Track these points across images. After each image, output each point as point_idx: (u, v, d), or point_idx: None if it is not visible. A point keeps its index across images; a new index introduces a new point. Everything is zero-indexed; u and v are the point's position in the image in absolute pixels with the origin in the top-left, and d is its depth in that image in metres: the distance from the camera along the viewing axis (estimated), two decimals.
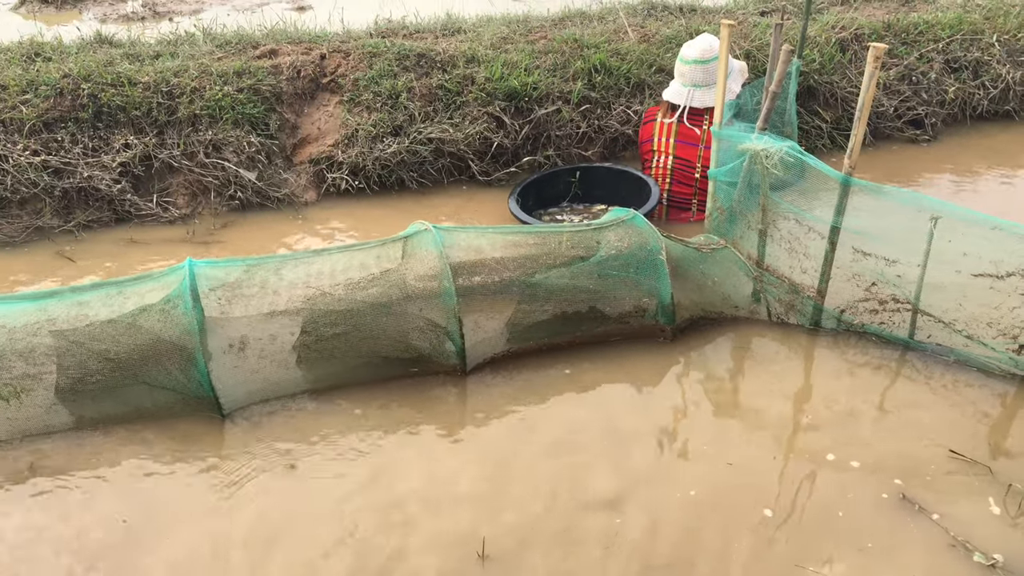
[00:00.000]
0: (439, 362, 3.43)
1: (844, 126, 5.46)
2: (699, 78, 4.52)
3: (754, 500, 2.87)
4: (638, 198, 4.55)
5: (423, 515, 2.83)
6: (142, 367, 3.12)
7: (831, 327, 3.68)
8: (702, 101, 4.53)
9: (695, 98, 4.55)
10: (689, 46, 4.60)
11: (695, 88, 4.55)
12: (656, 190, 4.53)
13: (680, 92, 4.60)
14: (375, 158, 4.93)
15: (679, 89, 4.62)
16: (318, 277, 3.35)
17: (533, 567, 2.64)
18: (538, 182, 4.83)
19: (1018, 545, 2.67)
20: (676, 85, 4.64)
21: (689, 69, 4.54)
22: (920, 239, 3.28)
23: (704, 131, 4.55)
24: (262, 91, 5.02)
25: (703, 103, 4.53)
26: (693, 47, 4.56)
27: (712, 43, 4.51)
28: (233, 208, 4.80)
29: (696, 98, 4.55)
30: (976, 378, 3.38)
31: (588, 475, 2.98)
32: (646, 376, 3.48)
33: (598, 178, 4.88)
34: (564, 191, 4.88)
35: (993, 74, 5.76)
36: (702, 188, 4.58)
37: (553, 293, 3.48)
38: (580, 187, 4.86)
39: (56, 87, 4.76)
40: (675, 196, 4.69)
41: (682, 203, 4.71)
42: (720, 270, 3.84)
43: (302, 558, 2.68)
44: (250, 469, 3.03)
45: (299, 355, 3.30)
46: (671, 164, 4.66)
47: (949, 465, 2.99)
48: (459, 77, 5.18)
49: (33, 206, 4.57)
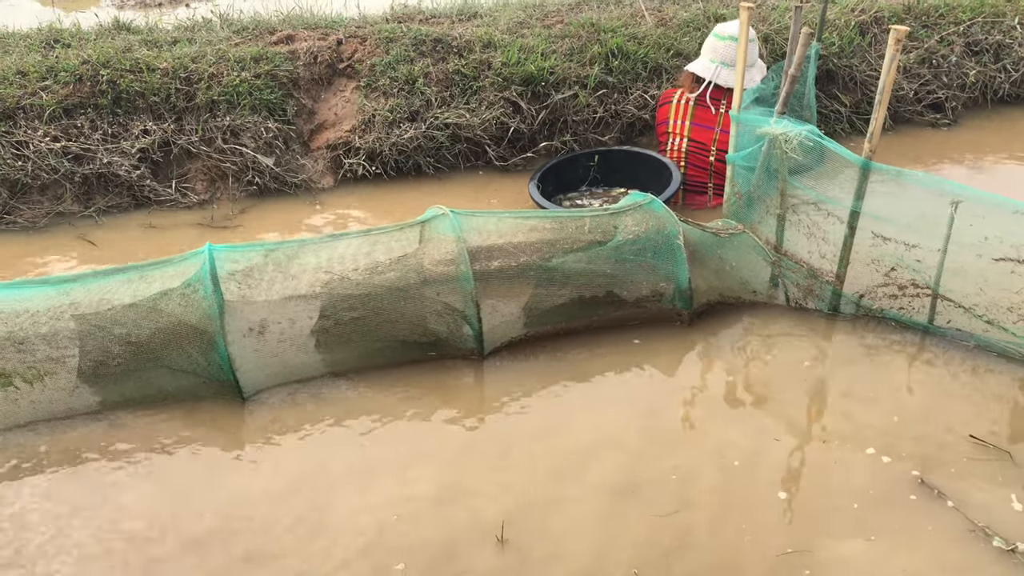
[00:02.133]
0: (457, 346, 3.45)
1: (863, 110, 5.42)
2: (731, 56, 4.49)
3: (769, 484, 2.87)
4: (658, 182, 4.53)
5: (440, 498, 2.85)
6: (163, 351, 3.15)
7: (850, 312, 3.66)
8: (727, 80, 4.51)
9: (721, 76, 4.53)
10: (725, 24, 4.60)
11: (723, 66, 4.53)
12: (677, 174, 4.51)
13: (708, 67, 4.58)
14: (392, 143, 4.93)
15: (707, 64, 4.60)
16: (336, 262, 3.36)
17: (550, 552, 2.65)
18: (557, 167, 4.82)
19: None
20: (704, 60, 4.63)
21: (724, 46, 4.53)
22: (940, 224, 3.26)
23: (720, 114, 4.52)
24: (279, 77, 5.03)
25: (728, 82, 4.51)
26: (730, 25, 4.55)
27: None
28: (251, 194, 4.82)
29: (723, 76, 4.53)
30: (996, 363, 3.36)
31: (605, 459, 2.99)
32: (664, 360, 3.48)
33: (618, 161, 4.86)
34: (584, 175, 4.87)
35: (1015, 57, 5.69)
36: (717, 172, 4.56)
37: (570, 277, 3.49)
38: (600, 171, 4.84)
39: (75, 73, 4.78)
40: (690, 180, 4.67)
41: (697, 187, 4.69)
42: (738, 255, 3.82)
43: (311, 542, 2.70)
44: (267, 451, 3.05)
45: (318, 339, 3.32)
46: (686, 147, 4.64)
47: (969, 451, 2.97)
48: (476, 62, 5.17)
49: (54, 192, 4.61)
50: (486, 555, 2.64)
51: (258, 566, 2.62)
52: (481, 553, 2.65)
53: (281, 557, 2.64)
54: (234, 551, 2.66)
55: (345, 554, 2.65)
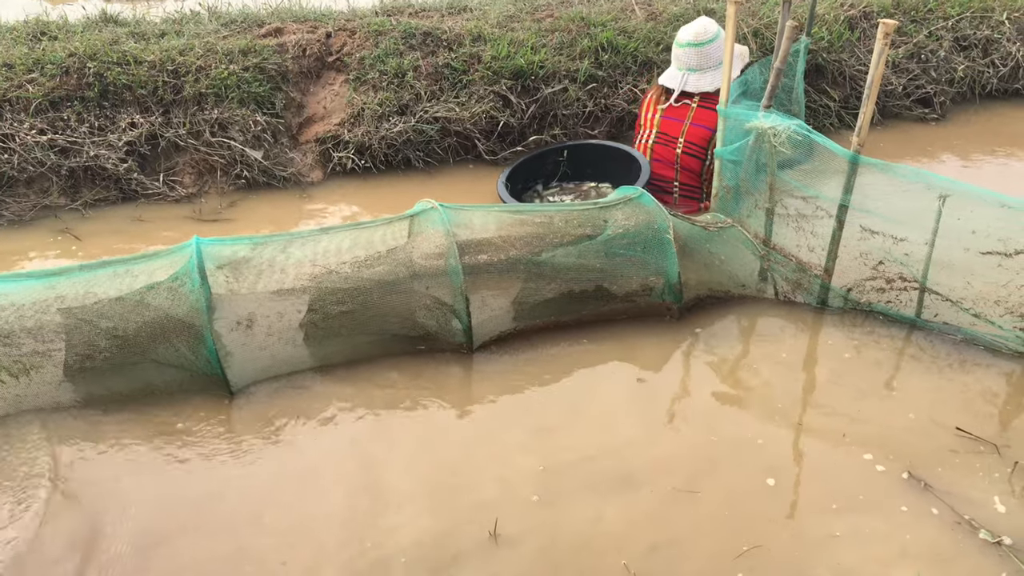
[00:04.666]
0: (446, 340, 3.44)
1: (852, 105, 5.44)
2: (693, 61, 4.47)
3: (757, 476, 2.87)
4: (627, 175, 4.49)
5: (432, 491, 2.84)
6: (150, 345, 3.13)
7: (838, 306, 3.68)
8: (696, 85, 4.48)
9: (689, 82, 4.50)
10: (684, 29, 4.55)
11: (689, 72, 4.50)
12: (647, 166, 4.46)
13: (675, 76, 4.56)
14: (381, 137, 4.92)
15: (674, 73, 4.58)
16: (325, 255, 3.35)
17: (542, 545, 2.65)
18: (526, 164, 4.78)
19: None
20: (672, 69, 4.61)
21: (683, 52, 4.50)
22: (928, 217, 3.27)
23: (691, 107, 4.50)
24: (268, 70, 5.01)
25: (697, 87, 4.48)
26: (687, 30, 4.51)
27: (707, 25, 4.47)
28: (239, 187, 4.80)
29: (690, 82, 4.49)
30: (983, 357, 3.37)
31: (594, 452, 2.99)
32: (653, 354, 3.49)
33: (588, 155, 4.81)
34: (554, 170, 4.83)
35: (1003, 52, 5.72)
36: (684, 167, 4.52)
37: (560, 272, 3.48)
38: (571, 165, 4.80)
39: (62, 66, 4.76)
40: (654, 175, 4.56)
41: (662, 185, 4.59)
42: (727, 249, 3.83)
43: (292, 529, 2.70)
44: (254, 444, 3.04)
45: (306, 332, 3.31)
46: (652, 139, 4.61)
47: (955, 443, 2.99)
48: (465, 56, 5.16)
49: (40, 185, 4.58)
50: (480, 550, 2.64)
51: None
52: (475, 548, 2.65)
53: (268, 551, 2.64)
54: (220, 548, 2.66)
55: (335, 550, 2.64)
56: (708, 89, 4.48)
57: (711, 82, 4.47)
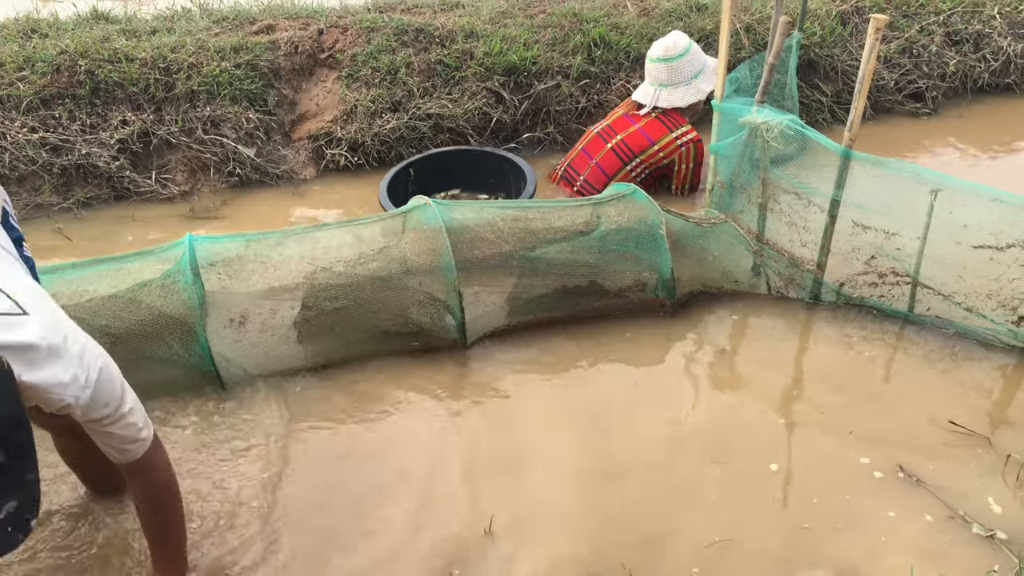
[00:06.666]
0: (439, 336, 3.44)
1: (844, 100, 5.44)
2: (664, 76, 4.44)
3: (751, 470, 2.88)
4: (516, 185, 4.46)
5: (425, 490, 2.85)
6: (143, 342, 3.12)
7: (831, 300, 3.68)
8: (668, 101, 4.45)
9: (661, 98, 4.46)
10: (655, 44, 4.51)
11: (661, 87, 4.47)
12: (531, 176, 4.37)
13: (647, 92, 4.53)
14: (374, 134, 4.91)
15: (646, 89, 4.55)
16: (318, 252, 3.35)
17: (539, 540, 2.66)
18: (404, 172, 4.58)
19: (1017, 515, 2.69)
20: (644, 85, 4.58)
21: (654, 67, 4.46)
22: (920, 212, 3.28)
23: (649, 116, 4.47)
24: (260, 67, 5.00)
25: (669, 103, 4.45)
26: (657, 45, 4.47)
27: (676, 40, 4.43)
28: (232, 185, 4.79)
29: (662, 98, 4.46)
30: (976, 350, 3.39)
31: (589, 446, 3.00)
32: (647, 349, 3.49)
33: (477, 163, 4.71)
34: (457, 175, 4.69)
35: (994, 47, 5.72)
36: (600, 163, 4.49)
37: (553, 267, 3.49)
38: (471, 174, 4.68)
39: (53, 64, 4.73)
40: (571, 166, 4.63)
41: (571, 176, 4.61)
42: (720, 244, 3.84)
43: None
44: (249, 443, 3.04)
45: (300, 329, 3.31)
46: (599, 128, 4.60)
47: (948, 437, 3.00)
48: (458, 52, 5.15)
49: (32, 183, 4.56)
50: (475, 547, 2.65)
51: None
52: (468, 548, 2.66)
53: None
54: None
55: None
56: (680, 104, 4.45)
57: (682, 97, 4.44)
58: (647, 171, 4.46)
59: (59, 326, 1.93)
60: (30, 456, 1.68)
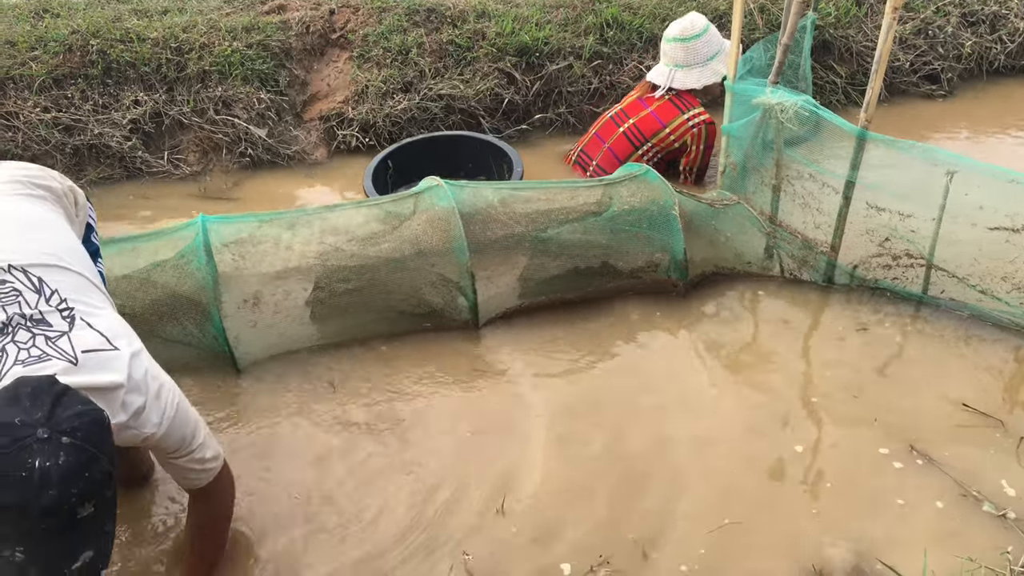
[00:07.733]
0: (452, 317, 3.44)
1: (859, 81, 5.39)
2: (680, 57, 4.39)
3: (762, 452, 2.89)
4: (500, 169, 4.45)
5: (438, 474, 2.86)
6: (157, 322, 3.14)
7: (844, 283, 3.67)
8: (683, 82, 4.40)
9: (676, 79, 4.41)
10: (672, 24, 4.46)
11: (676, 68, 4.42)
12: (517, 158, 4.37)
13: (662, 72, 4.48)
14: (385, 115, 4.90)
15: (661, 69, 4.50)
16: (330, 233, 3.35)
17: (550, 522, 2.67)
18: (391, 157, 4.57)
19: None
20: (660, 66, 4.54)
21: (670, 47, 4.42)
22: (935, 193, 3.25)
23: (665, 98, 4.44)
24: (271, 47, 4.99)
25: (684, 84, 4.40)
26: (674, 25, 4.42)
27: (695, 20, 4.38)
28: (244, 165, 4.79)
29: (678, 79, 4.41)
30: (990, 333, 3.37)
31: (601, 428, 3.01)
32: (659, 331, 3.49)
33: (465, 149, 4.70)
34: (434, 161, 4.59)
35: (1011, 28, 5.67)
36: (612, 147, 4.48)
37: (565, 248, 3.48)
38: (450, 159, 4.64)
39: (65, 43, 4.74)
40: (585, 151, 4.65)
41: (584, 161, 4.64)
42: (733, 226, 3.82)
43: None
44: (261, 423, 3.06)
45: (313, 310, 3.31)
46: (613, 112, 4.59)
47: (961, 419, 2.99)
48: (469, 32, 5.13)
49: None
50: (488, 525, 2.66)
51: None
52: (483, 524, 2.67)
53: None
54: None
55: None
56: (695, 86, 4.40)
57: (697, 79, 4.39)
58: (659, 155, 4.44)
59: (142, 362, 1.96)
60: (112, 509, 1.70)
